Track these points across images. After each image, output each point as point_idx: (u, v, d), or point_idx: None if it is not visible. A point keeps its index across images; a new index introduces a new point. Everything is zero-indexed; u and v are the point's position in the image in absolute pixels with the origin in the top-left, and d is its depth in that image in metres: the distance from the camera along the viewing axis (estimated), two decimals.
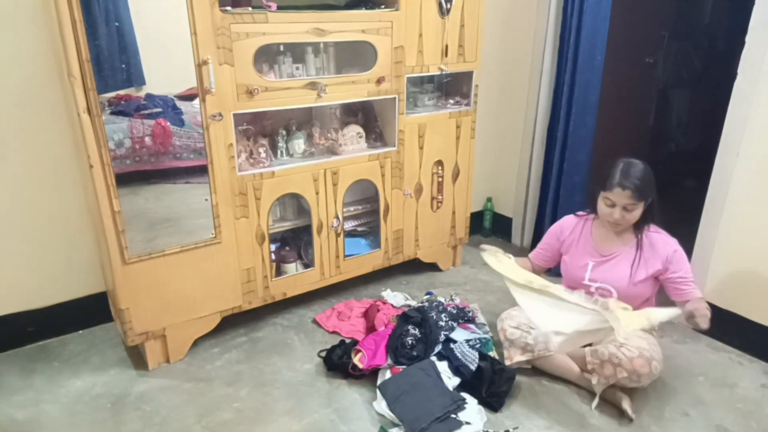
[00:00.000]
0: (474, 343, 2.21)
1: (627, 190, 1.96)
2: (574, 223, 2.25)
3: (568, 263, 2.24)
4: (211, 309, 2.26)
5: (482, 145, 3.26)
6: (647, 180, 1.99)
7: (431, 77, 2.75)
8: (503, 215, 3.49)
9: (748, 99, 2.20)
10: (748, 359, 2.31)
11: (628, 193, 1.96)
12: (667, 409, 2.01)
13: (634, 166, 1.99)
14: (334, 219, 2.50)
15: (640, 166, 2.00)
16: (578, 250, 2.20)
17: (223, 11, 1.96)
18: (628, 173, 1.97)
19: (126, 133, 1.96)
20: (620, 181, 1.96)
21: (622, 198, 1.98)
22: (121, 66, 1.95)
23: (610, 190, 1.99)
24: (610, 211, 2.03)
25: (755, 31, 2.16)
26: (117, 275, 1.99)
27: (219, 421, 1.94)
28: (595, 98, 2.76)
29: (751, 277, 2.30)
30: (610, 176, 2.00)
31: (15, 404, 2.01)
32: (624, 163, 2.01)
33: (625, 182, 1.96)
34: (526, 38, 3.06)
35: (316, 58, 2.31)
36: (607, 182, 2.00)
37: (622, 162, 2.02)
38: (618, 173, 1.98)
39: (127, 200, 1.95)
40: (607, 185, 2.00)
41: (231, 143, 2.11)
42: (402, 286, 2.87)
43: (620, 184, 1.96)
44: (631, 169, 1.98)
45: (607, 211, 2.04)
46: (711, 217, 2.40)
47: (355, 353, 2.16)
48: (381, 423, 1.92)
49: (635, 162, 2.01)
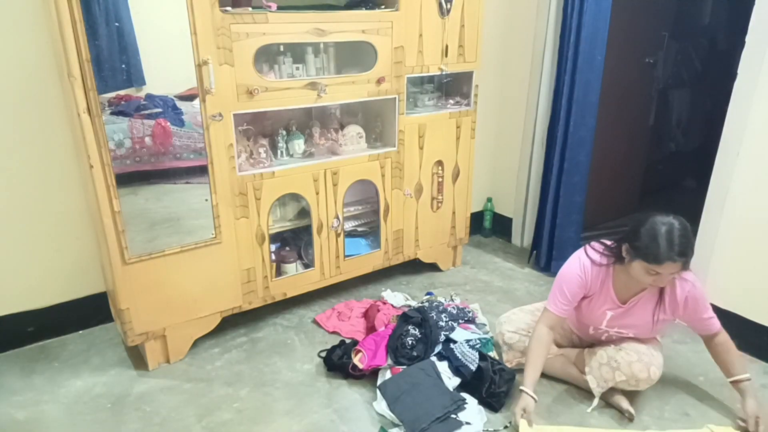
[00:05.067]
0: (474, 344, 2.20)
1: (678, 262, 1.71)
2: (596, 272, 1.96)
3: (583, 310, 2.04)
4: (211, 309, 2.26)
5: (482, 145, 3.27)
6: (692, 242, 1.75)
7: (431, 77, 2.75)
8: (503, 215, 3.49)
9: (749, 99, 2.20)
10: (748, 359, 2.30)
11: (680, 265, 1.73)
12: (667, 409, 2.01)
13: (678, 231, 1.72)
14: (334, 219, 2.50)
15: (682, 227, 1.73)
16: (599, 299, 1.98)
17: (223, 11, 1.96)
18: (674, 242, 1.70)
19: (126, 133, 1.96)
20: (669, 255, 1.70)
21: (673, 270, 1.74)
22: (121, 66, 1.95)
23: (659, 263, 1.72)
24: (653, 279, 1.79)
25: (755, 31, 2.16)
26: (117, 275, 1.99)
27: (219, 421, 1.94)
28: (595, 98, 2.76)
29: (752, 277, 2.30)
30: (653, 246, 1.72)
31: (15, 404, 2.01)
32: (666, 230, 1.72)
33: (674, 255, 1.70)
34: (526, 38, 3.06)
35: (316, 59, 2.31)
36: (652, 254, 1.72)
37: (661, 226, 1.72)
38: (665, 244, 1.70)
39: (127, 200, 1.95)
40: (652, 257, 1.72)
41: (231, 143, 2.11)
42: (402, 286, 2.87)
43: (670, 258, 1.70)
44: (675, 235, 1.71)
45: (648, 279, 1.80)
46: (711, 218, 2.40)
47: (355, 353, 2.16)
48: (381, 423, 1.92)
49: (674, 224, 1.73)
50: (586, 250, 1.99)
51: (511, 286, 2.92)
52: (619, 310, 1.96)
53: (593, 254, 1.97)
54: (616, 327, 2.01)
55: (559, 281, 1.99)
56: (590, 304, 2.00)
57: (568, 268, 1.99)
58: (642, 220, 1.79)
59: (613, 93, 3.17)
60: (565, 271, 1.99)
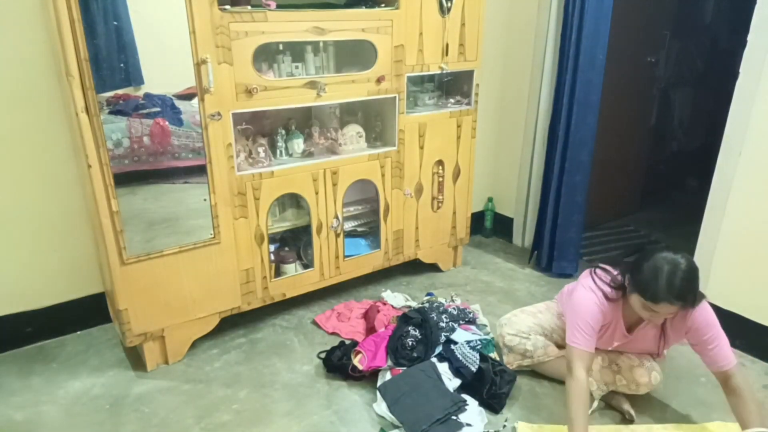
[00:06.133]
0: (475, 345, 2.19)
1: (675, 305, 1.64)
2: (611, 306, 1.87)
3: None
4: (209, 310, 2.25)
5: (483, 145, 3.26)
6: (694, 286, 1.67)
7: (432, 76, 2.74)
8: (504, 215, 3.47)
9: (750, 98, 2.19)
10: (750, 360, 2.30)
11: (676, 308, 1.66)
12: (668, 410, 2.00)
13: (681, 273, 1.63)
14: (334, 219, 2.49)
15: (687, 269, 1.64)
16: (608, 331, 1.93)
17: (222, 10, 1.95)
18: (674, 283, 1.62)
19: (124, 132, 1.95)
20: (667, 296, 1.63)
21: (670, 311, 1.68)
22: (119, 65, 1.94)
23: (655, 302, 1.65)
24: (649, 315, 1.74)
25: (757, 30, 2.15)
26: (115, 276, 1.98)
27: (218, 422, 1.93)
28: (596, 97, 2.75)
29: (754, 277, 2.29)
30: (652, 283, 1.65)
31: (13, 405, 2.00)
32: (669, 269, 1.63)
33: (672, 298, 1.63)
34: (527, 37, 3.05)
35: (316, 57, 2.30)
36: (650, 291, 1.65)
37: (665, 264, 1.64)
38: (664, 284, 1.63)
39: (125, 200, 1.94)
40: (649, 295, 1.66)
41: (230, 143, 2.10)
42: (402, 286, 2.86)
43: (667, 299, 1.63)
44: (677, 277, 1.63)
45: (645, 314, 1.75)
46: (713, 217, 2.39)
47: (355, 354, 2.15)
48: (381, 425, 1.91)
49: (680, 264, 1.64)
50: (595, 280, 1.89)
51: (512, 286, 2.91)
52: (625, 340, 1.94)
53: (605, 288, 1.87)
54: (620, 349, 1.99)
55: (578, 316, 1.84)
56: (602, 335, 1.93)
57: (583, 302, 1.86)
58: (647, 254, 1.71)
59: (615, 92, 3.16)
60: (581, 305, 1.86)
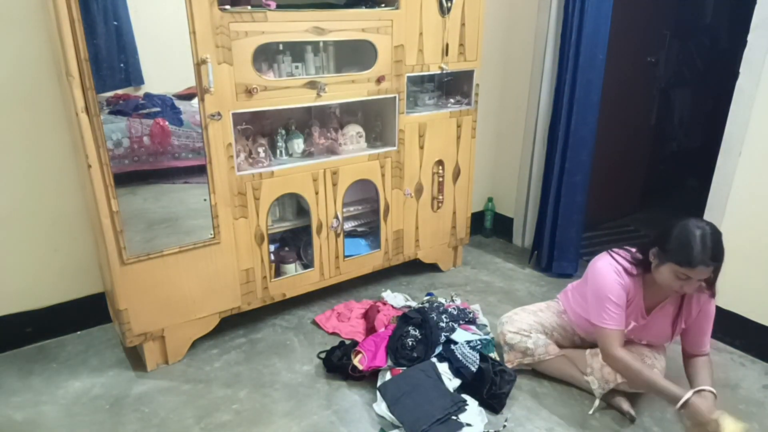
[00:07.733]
0: (475, 345, 2.19)
1: (711, 266, 1.70)
2: (632, 282, 1.91)
3: None
4: (209, 310, 2.25)
5: (483, 145, 3.26)
6: (723, 246, 1.73)
7: (432, 76, 2.74)
8: (504, 215, 3.47)
9: (750, 98, 2.19)
10: (750, 360, 2.30)
11: (711, 269, 1.71)
12: (668, 410, 2.00)
13: (711, 236, 1.70)
14: (334, 219, 2.49)
15: (715, 232, 1.72)
16: (628, 309, 1.94)
17: (222, 10, 1.95)
18: (707, 245, 1.68)
19: (124, 132, 1.95)
20: (702, 258, 1.67)
21: (704, 274, 1.72)
22: (119, 65, 1.94)
23: (691, 266, 1.69)
24: (681, 284, 1.75)
25: (757, 30, 2.15)
26: (115, 276, 1.98)
27: (218, 422, 1.92)
28: (596, 97, 2.75)
29: (754, 277, 2.28)
30: (686, 249, 1.69)
31: (13, 405, 2.00)
32: (700, 233, 1.69)
33: (707, 259, 1.68)
34: (527, 37, 3.05)
35: (316, 57, 2.30)
36: (684, 257, 1.69)
37: (696, 229, 1.70)
38: (698, 247, 1.68)
39: (125, 200, 1.94)
40: (684, 260, 1.70)
41: (230, 143, 2.10)
42: (402, 286, 2.86)
43: (703, 261, 1.68)
44: (708, 239, 1.69)
45: (677, 284, 1.76)
46: (713, 217, 2.38)
47: (354, 354, 2.15)
48: (381, 425, 1.91)
49: (707, 229, 1.71)
50: (614, 258, 1.93)
51: (512, 286, 2.91)
52: (642, 321, 1.95)
53: (625, 264, 1.90)
54: (634, 335, 1.99)
55: (603, 295, 1.88)
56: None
57: (605, 279, 1.89)
58: (673, 224, 1.76)
59: (615, 92, 3.16)
60: (603, 283, 1.89)
